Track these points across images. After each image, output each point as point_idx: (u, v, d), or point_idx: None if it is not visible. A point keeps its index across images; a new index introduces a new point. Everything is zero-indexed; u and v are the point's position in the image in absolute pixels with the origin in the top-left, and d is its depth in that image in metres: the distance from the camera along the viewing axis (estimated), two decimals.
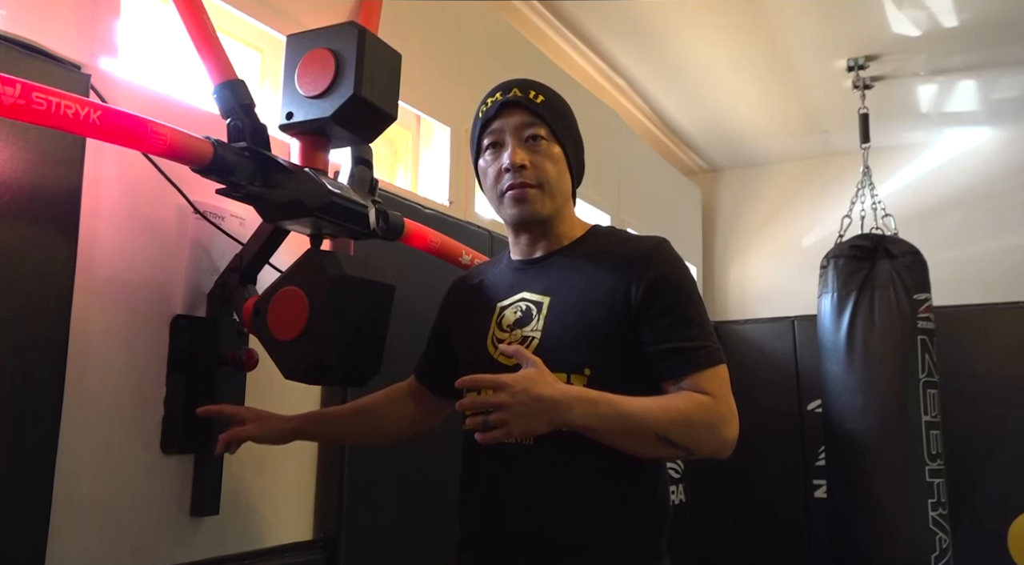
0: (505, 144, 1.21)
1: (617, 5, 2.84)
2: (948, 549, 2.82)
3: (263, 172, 1.29)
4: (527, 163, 1.19)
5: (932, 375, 2.91)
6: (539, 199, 1.20)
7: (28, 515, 1.13)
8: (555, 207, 1.22)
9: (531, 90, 1.23)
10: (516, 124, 1.21)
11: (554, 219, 1.23)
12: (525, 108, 1.21)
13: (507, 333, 1.20)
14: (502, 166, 1.20)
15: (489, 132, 1.23)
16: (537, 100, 1.22)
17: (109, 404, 1.29)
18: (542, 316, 1.17)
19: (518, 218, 1.21)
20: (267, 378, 1.45)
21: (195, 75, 1.49)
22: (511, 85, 1.24)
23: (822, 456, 3.47)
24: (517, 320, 1.20)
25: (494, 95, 1.24)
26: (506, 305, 1.23)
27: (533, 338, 1.16)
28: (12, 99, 0.95)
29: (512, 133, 1.21)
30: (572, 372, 1.11)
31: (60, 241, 1.19)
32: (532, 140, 1.21)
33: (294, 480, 1.65)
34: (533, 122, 1.21)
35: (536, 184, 1.19)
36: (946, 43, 3.10)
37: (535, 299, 1.20)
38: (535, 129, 1.21)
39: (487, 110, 1.24)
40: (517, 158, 1.19)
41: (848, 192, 3.45)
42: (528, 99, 1.22)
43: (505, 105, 1.22)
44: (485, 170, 1.25)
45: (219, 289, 1.43)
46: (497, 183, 1.22)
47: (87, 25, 1.31)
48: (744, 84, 3.53)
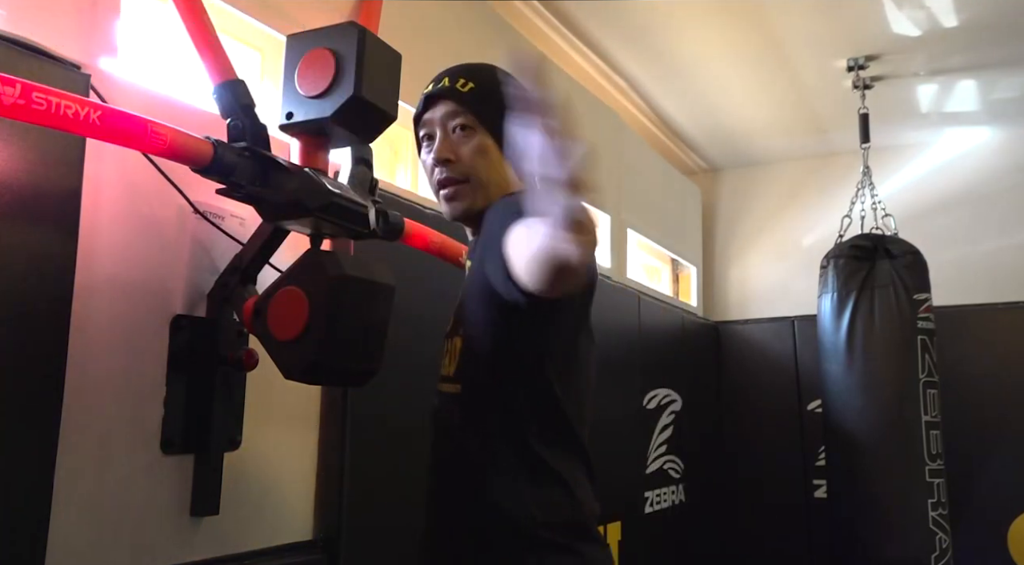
0: (435, 137, 1.18)
1: (617, 5, 2.84)
2: (948, 549, 2.82)
3: (263, 172, 1.29)
4: (451, 156, 1.15)
5: (932, 375, 2.91)
6: (468, 194, 1.16)
7: (28, 515, 1.13)
8: (488, 198, 1.16)
9: (460, 78, 1.18)
10: (442, 115, 1.17)
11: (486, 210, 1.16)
12: (450, 98, 1.17)
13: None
14: (432, 161, 1.18)
15: (421, 125, 1.21)
16: (464, 89, 1.17)
17: (109, 404, 1.29)
18: (463, 287, 1.20)
19: (450, 215, 1.20)
20: (267, 378, 1.45)
21: (195, 75, 1.49)
22: (442, 75, 1.20)
23: (822, 456, 3.48)
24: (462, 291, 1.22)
25: (426, 87, 1.21)
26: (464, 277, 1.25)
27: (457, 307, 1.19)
28: (12, 99, 0.95)
29: (440, 126, 1.17)
30: (456, 336, 1.15)
31: (60, 241, 1.19)
32: (459, 130, 1.16)
33: (294, 480, 1.66)
34: (458, 112, 1.16)
35: (463, 178, 1.16)
36: (946, 43, 3.10)
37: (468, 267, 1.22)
38: (460, 120, 1.16)
39: (419, 103, 1.21)
40: (440, 153, 1.16)
41: (848, 192, 3.45)
42: (453, 89, 1.17)
43: (431, 97, 1.19)
44: (424, 163, 1.22)
45: (219, 289, 1.43)
46: (431, 178, 1.19)
47: (87, 25, 1.31)
48: (744, 84, 3.53)
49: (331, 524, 1.68)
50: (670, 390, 3.53)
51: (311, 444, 1.70)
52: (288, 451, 1.64)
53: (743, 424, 4.06)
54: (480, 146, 1.16)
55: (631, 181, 3.53)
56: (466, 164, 1.16)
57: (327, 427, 1.72)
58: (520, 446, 1.07)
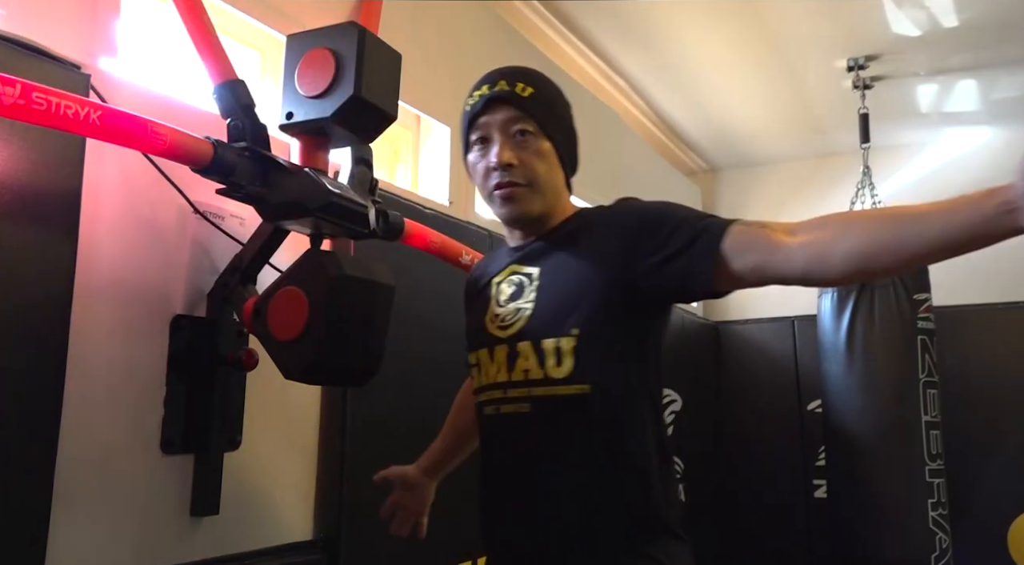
0: (492, 140, 1.18)
1: (617, 5, 2.84)
2: (948, 549, 2.82)
3: (263, 172, 1.29)
4: (515, 161, 1.16)
5: (932, 375, 2.91)
6: (528, 198, 1.18)
7: (28, 515, 1.13)
8: (545, 203, 1.19)
9: (519, 82, 1.19)
10: (503, 120, 1.17)
11: (546, 214, 1.21)
12: (511, 103, 1.17)
13: (502, 308, 1.20)
14: (489, 164, 1.18)
15: (476, 127, 1.20)
16: (525, 93, 1.18)
17: (109, 404, 1.29)
18: (533, 288, 1.18)
19: (507, 217, 1.21)
20: (267, 378, 1.45)
21: (195, 75, 1.49)
22: (498, 77, 1.20)
23: (822, 456, 3.48)
24: (511, 294, 1.20)
25: (480, 88, 1.21)
26: (500, 280, 1.24)
27: (525, 310, 1.16)
28: (12, 99, 0.95)
29: (499, 129, 1.18)
30: (561, 336, 1.11)
31: (60, 242, 1.19)
32: (520, 136, 1.17)
33: (294, 480, 1.65)
34: (520, 117, 1.17)
35: (525, 183, 1.17)
36: (946, 43, 3.10)
37: (526, 271, 1.20)
38: (523, 125, 1.17)
39: (474, 104, 1.20)
40: (504, 157, 1.16)
41: (848, 192, 3.45)
42: (514, 93, 1.17)
43: (491, 100, 1.18)
44: (474, 165, 1.22)
45: (219, 289, 1.43)
46: (486, 180, 1.20)
47: (87, 25, 1.31)
48: (744, 84, 3.53)
49: (331, 524, 1.68)
50: (670, 390, 3.53)
51: (311, 444, 1.70)
52: (288, 451, 1.64)
53: (743, 424, 4.05)
54: (541, 151, 1.18)
55: (631, 181, 3.53)
56: (528, 169, 1.16)
57: (327, 427, 1.72)
58: (645, 442, 1.12)
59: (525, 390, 1.13)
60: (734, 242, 1.02)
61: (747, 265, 1.01)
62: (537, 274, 1.18)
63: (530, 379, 1.12)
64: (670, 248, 1.06)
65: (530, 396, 1.13)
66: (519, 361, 1.14)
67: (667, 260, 1.06)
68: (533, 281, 1.18)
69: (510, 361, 1.15)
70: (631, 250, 1.10)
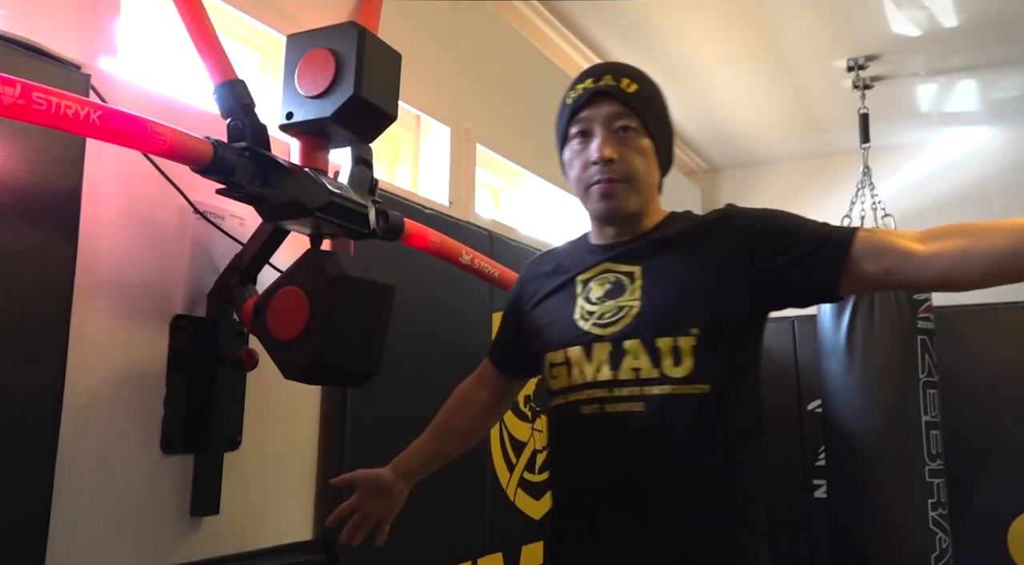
0: (593, 134, 1.17)
1: (617, 5, 2.84)
2: (948, 549, 2.82)
3: (263, 172, 1.29)
4: (616, 157, 1.15)
5: (932, 375, 2.91)
6: (625, 195, 1.16)
7: (28, 515, 1.13)
8: (641, 201, 1.18)
9: (624, 78, 1.18)
10: (606, 114, 1.16)
11: (640, 212, 1.19)
12: (616, 98, 1.16)
13: (598, 305, 1.17)
14: (589, 158, 1.16)
15: (577, 121, 1.18)
16: (630, 89, 1.17)
17: (109, 404, 1.29)
18: (636, 287, 1.15)
19: (603, 213, 1.18)
20: (267, 378, 1.45)
21: (195, 75, 1.49)
22: (603, 71, 1.19)
23: (822, 456, 3.47)
24: (607, 291, 1.17)
25: (584, 81, 1.19)
26: (589, 277, 1.21)
27: (631, 307, 1.14)
28: (12, 99, 0.95)
29: (602, 124, 1.16)
30: (679, 336, 1.10)
31: (60, 241, 1.19)
32: (622, 132, 1.16)
33: (294, 480, 1.65)
34: (624, 113, 1.16)
35: (623, 179, 1.15)
36: (946, 43, 3.10)
37: (624, 270, 1.18)
38: (626, 121, 1.16)
39: (577, 97, 1.18)
40: (606, 152, 1.14)
41: (848, 192, 3.44)
42: (620, 89, 1.17)
43: (596, 94, 1.17)
44: (571, 160, 1.20)
45: (219, 289, 1.43)
46: (583, 174, 1.18)
47: (87, 25, 1.31)
48: (744, 84, 3.53)
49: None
50: None
51: (311, 444, 1.70)
52: (288, 451, 1.64)
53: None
54: (642, 149, 1.17)
55: None
56: (628, 165, 1.15)
57: (327, 427, 1.72)
58: (752, 446, 1.15)
59: (637, 389, 1.11)
60: (864, 247, 1.07)
61: (878, 269, 1.06)
62: (639, 273, 1.16)
63: (643, 378, 1.11)
64: (800, 250, 1.09)
65: (644, 395, 1.10)
66: (626, 359, 1.12)
67: (796, 261, 1.09)
68: (635, 279, 1.16)
69: (614, 359, 1.13)
70: (754, 253, 1.12)
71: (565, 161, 1.23)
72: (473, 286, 2.08)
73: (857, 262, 1.07)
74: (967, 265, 1.01)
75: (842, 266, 1.07)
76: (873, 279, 1.08)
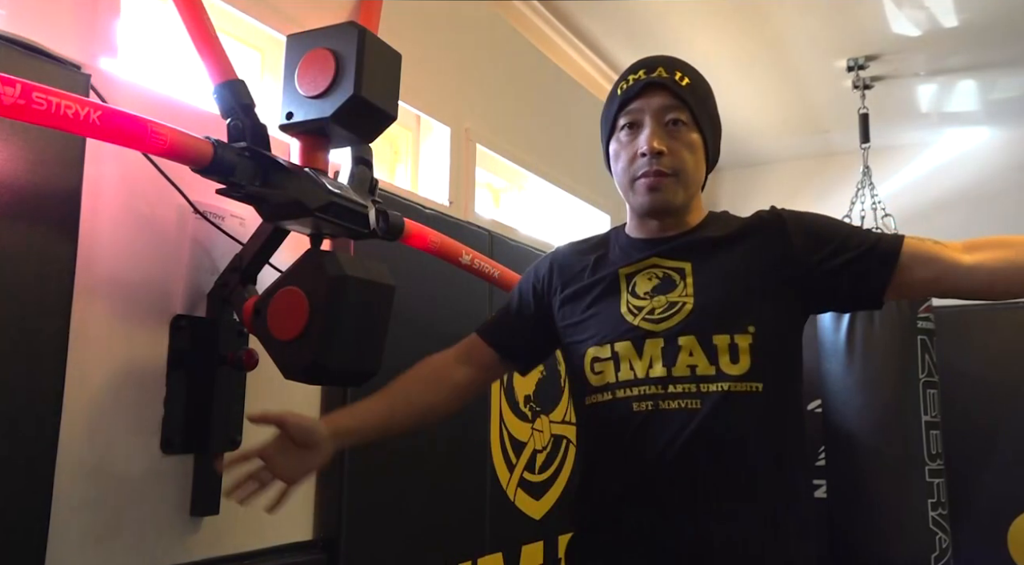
0: (643, 126, 1.15)
1: (617, 5, 2.84)
2: (948, 549, 2.82)
3: (263, 172, 1.29)
4: (665, 149, 1.13)
5: (932, 375, 2.91)
6: (673, 189, 1.14)
7: (28, 515, 1.13)
8: (687, 196, 1.17)
9: (677, 71, 1.17)
10: (658, 106, 1.15)
11: (686, 208, 1.18)
12: (669, 90, 1.15)
13: (646, 300, 1.15)
14: (638, 150, 1.14)
15: (627, 112, 1.17)
16: (683, 82, 1.16)
17: (109, 404, 1.29)
18: (687, 282, 1.14)
19: (649, 207, 1.16)
20: (267, 378, 1.45)
21: (195, 75, 1.49)
22: (655, 63, 1.18)
23: (822, 456, 3.47)
24: (656, 286, 1.16)
25: (636, 73, 1.18)
26: (633, 271, 1.18)
27: (684, 303, 1.13)
28: (12, 99, 0.95)
29: (653, 116, 1.15)
30: (736, 333, 1.10)
31: (60, 241, 1.19)
32: (672, 125, 1.15)
33: None
34: (676, 106, 1.15)
35: (672, 172, 1.14)
36: (946, 43, 3.10)
37: (673, 265, 1.16)
38: (677, 114, 1.15)
39: (628, 88, 1.17)
40: (656, 143, 1.13)
41: (848, 192, 3.44)
42: (673, 81, 1.16)
43: (649, 85, 1.16)
44: (618, 152, 1.18)
45: (219, 289, 1.43)
46: (631, 166, 1.16)
47: (87, 25, 1.31)
48: (744, 84, 3.53)
49: (331, 524, 1.68)
50: None
51: None
52: None
53: None
54: (693, 143, 1.16)
55: None
56: (677, 158, 1.14)
57: None
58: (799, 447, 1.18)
59: (693, 386, 1.10)
60: (913, 253, 1.10)
61: (926, 276, 1.10)
62: (689, 270, 1.15)
63: (699, 375, 1.10)
64: (851, 252, 1.12)
65: (701, 392, 1.09)
66: (681, 356, 1.11)
67: (847, 265, 1.11)
68: (686, 276, 1.15)
69: (668, 356, 1.11)
70: (808, 255, 1.13)
71: (612, 153, 1.21)
72: (473, 286, 2.08)
73: (905, 269, 1.10)
74: (1009, 276, 1.07)
75: (892, 273, 1.10)
76: (919, 286, 1.12)
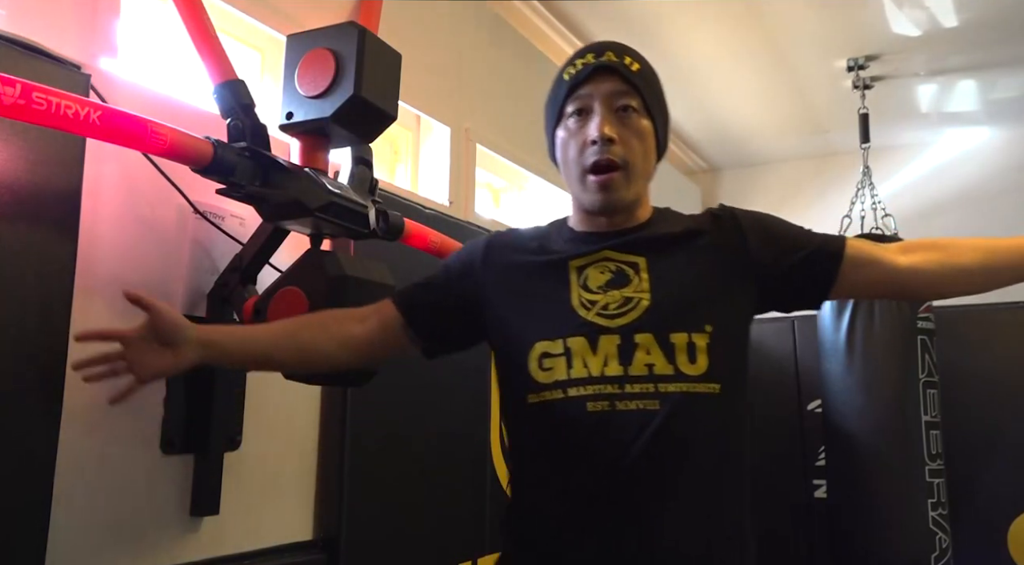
0: (593, 112, 1.09)
1: (617, 5, 2.84)
2: (948, 549, 2.82)
3: (263, 172, 1.29)
4: (616, 137, 1.08)
5: (932, 375, 2.91)
6: (623, 184, 1.09)
7: (28, 515, 1.13)
8: (637, 191, 1.12)
9: (626, 56, 1.12)
10: (608, 92, 1.09)
11: (635, 203, 1.14)
12: (620, 75, 1.10)
13: (600, 294, 1.09)
14: (588, 137, 1.09)
15: (576, 97, 1.11)
16: (633, 67, 1.11)
17: (109, 404, 1.28)
18: (642, 278, 1.09)
19: (600, 205, 1.11)
20: (267, 378, 1.45)
21: (195, 75, 1.49)
22: (604, 48, 1.12)
23: (822, 456, 3.47)
24: (609, 281, 1.10)
25: (584, 57, 1.12)
26: (584, 264, 1.12)
27: (639, 299, 1.07)
28: (12, 99, 0.95)
29: (603, 101, 1.09)
30: (694, 332, 1.06)
31: (60, 241, 1.19)
32: (623, 111, 1.09)
33: (294, 480, 1.65)
34: (627, 91, 1.09)
35: (622, 164, 1.08)
36: (946, 43, 3.10)
37: (626, 259, 1.11)
38: (628, 100, 1.09)
39: (576, 73, 1.11)
40: (607, 129, 1.07)
41: (848, 192, 3.44)
42: (623, 65, 1.10)
43: (599, 70, 1.10)
44: (567, 140, 1.12)
45: (219, 289, 1.43)
46: (580, 156, 1.10)
47: (87, 25, 1.31)
48: (744, 84, 3.53)
49: (331, 524, 1.68)
50: None
51: (311, 444, 1.70)
52: (288, 451, 1.64)
53: None
54: (643, 130, 1.11)
55: None
56: (627, 147, 1.09)
57: (327, 427, 1.72)
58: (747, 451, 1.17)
59: (651, 386, 1.04)
60: (855, 255, 1.12)
61: (868, 277, 1.13)
62: (644, 265, 1.10)
63: (656, 374, 1.04)
64: (801, 252, 1.13)
65: (660, 392, 1.04)
66: (638, 354, 1.05)
67: (799, 264, 1.12)
68: (640, 271, 1.10)
69: (623, 354, 1.05)
70: (762, 253, 1.13)
71: (559, 141, 1.14)
72: None
73: (848, 271, 1.12)
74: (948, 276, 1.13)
75: (837, 272, 1.12)
76: (861, 287, 1.15)
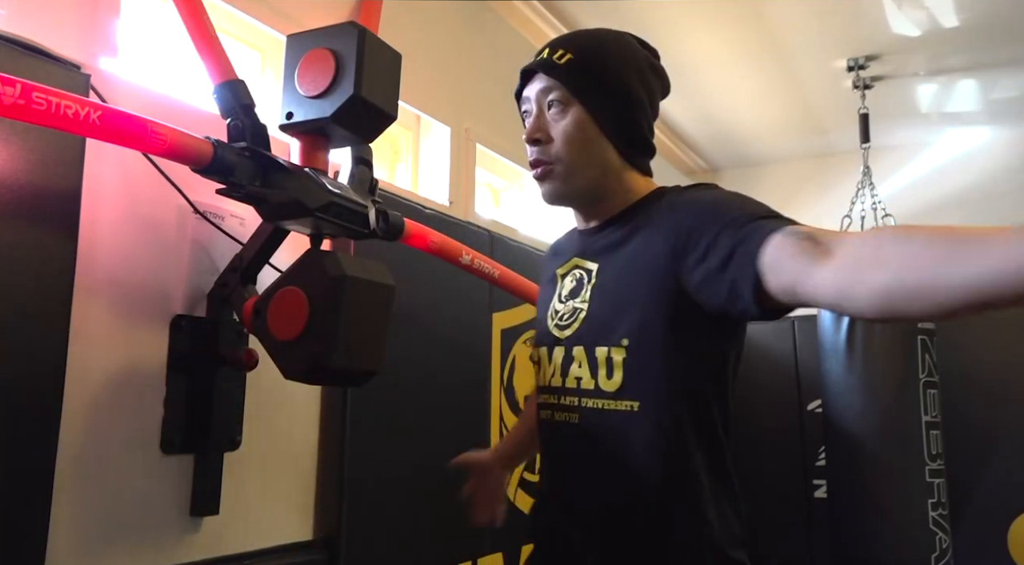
0: (532, 115, 1.10)
1: (617, 5, 2.84)
2: (948, 549, 2.82)
3: (263, 172, 1.29)
4: (541, 136, 1.07)
5: (932, 375, 2.91)
6: (558, 177, 1.07)
7: (28, 515, 1.13)
8: (587, 180, 1.07)
9: (559, 49, 1.09)
10: (538, 91, 1.09)
11: (594, 193, 1.09)
12: (544, 72, 1.09)
13: (562, 304, 1.11)
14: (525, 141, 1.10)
15: (521, 102, 1.14)
16: (561, 60, 1.07)
17: (109, 404, 1.29)
18: (589, 287, 1.08)
19: (544, 197, 1.11)
20: (267, 378, 1.45)
21: (195, 75, 1.49)
22: (545, 46, 1.12)
23: (822, 456, 3.47)
24: (571, 290, 1.11)
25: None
26: (565, 272, 1.14)
27: (581, 310, 1.07)
28: (12, 99, 0.95)
29: (536, 102, 1.10)
30: (612, 346, 1.01)
31: (60, 241, 1.19)
32: (550, 108, 1.08)
33: (294, 480, 1.65)
34: (551, 86, 1.07)
35: (552, 160, 1.07)
36: (946, 43, 3.10)
37: (587, 266, 1.10)
38: (553, 94, 1.07)
39: (520, 79, 1.14)
40: (529, 132, 1.09)
41: (848, 192, 3.45)
42: (549, 61, 1.08)
43: (526, 73, 1.12)
44: None
45: (219, 289, 1.43)
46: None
47: (87, 25, 1.31)
48: (744, 84, 3.53)
49: (331, 524, 1.68)
50: None
51: (311, 444, 1.70)
52: (288, 451, 1.64)
53: (743, 424, 4.03)
54: (573, 123, 1.06)
55: None
56: (556, 145, 1.07)
57: (327, 427, 1.72)
58: (693, 464, 1.01)
59: (576, 399, 1.05)
60: (773, 258, 0.83)
61: (781, 286, 0.83)
62: (595, 271, 1.08)
63: (581, 388, 1.04)
64: (711, 261, 0.91)
65: (579, 407, 1.05)
66: (572, 367, 1.06)
67: (709, 275, 0.91)
68: (591, 279, 1.08)
69: (564, 366, 1.07)
70: (679, 256, 0.96)
71: None
72: (473, 286, 2.08)
73: (765, 278, 0.84)
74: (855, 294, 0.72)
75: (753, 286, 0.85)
76: (783, 297, 0.83)
